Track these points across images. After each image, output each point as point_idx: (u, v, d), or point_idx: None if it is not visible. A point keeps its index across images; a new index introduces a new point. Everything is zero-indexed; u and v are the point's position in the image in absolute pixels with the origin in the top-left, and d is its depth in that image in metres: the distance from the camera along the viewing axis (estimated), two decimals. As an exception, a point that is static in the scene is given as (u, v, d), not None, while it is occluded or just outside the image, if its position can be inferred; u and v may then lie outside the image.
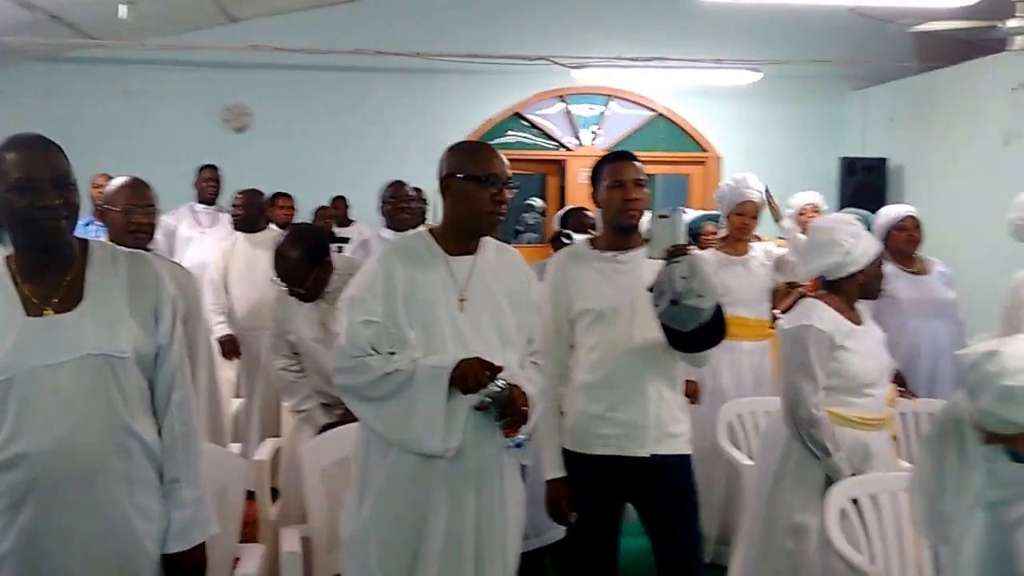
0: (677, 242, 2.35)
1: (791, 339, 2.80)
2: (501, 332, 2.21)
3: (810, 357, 2.72)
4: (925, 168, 7.34)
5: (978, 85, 6.59)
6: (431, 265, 2.20)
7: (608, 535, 2.59)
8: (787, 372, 2.80)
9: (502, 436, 2.12)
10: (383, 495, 2.15)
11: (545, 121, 8.32)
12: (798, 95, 8.23)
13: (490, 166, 2.18)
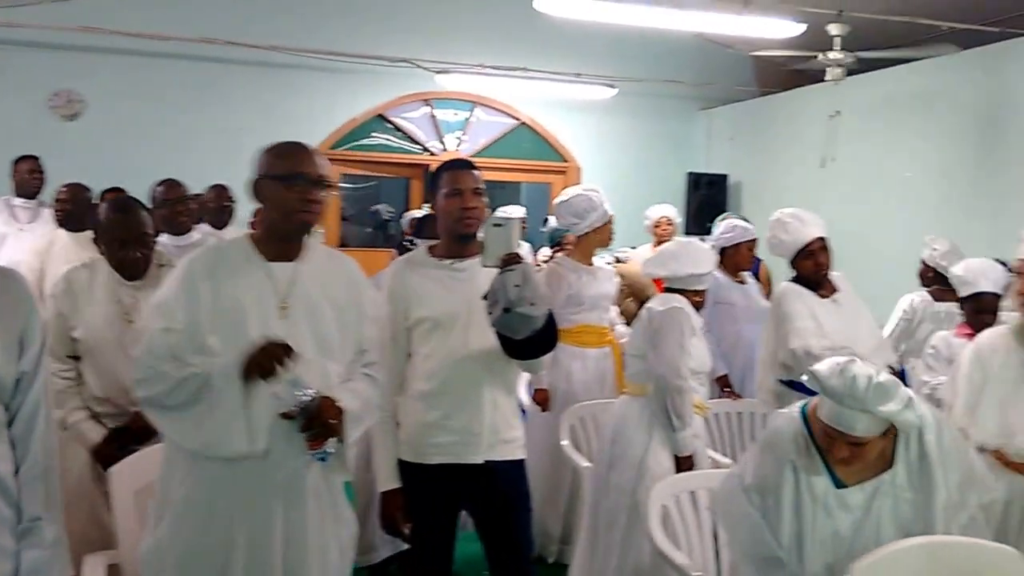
0: (511, 251, 2.33)
1: (666, 317, 3.01)
2: (321, 342, 2.11)
3: (684, 333, 2.98)
4: (759, 184, 7.70)
5: (803, 111, 6.97)
6: (245, 271, 2.08)
7: (444, 542, 2.54)
8: (662, 345, 2.98)
9: (307, 447, 2.02)
10: (181, 512, 2.03)
11: (410, 124, 8.22)
12: (651, 112, 8.47)
13: (297, 165, 2.06)
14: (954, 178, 5.72)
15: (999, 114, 5.42)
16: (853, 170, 6.37)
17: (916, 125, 6.05)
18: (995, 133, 5.43)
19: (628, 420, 3.07)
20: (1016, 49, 5.35)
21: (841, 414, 1.95)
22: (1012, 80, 5.33)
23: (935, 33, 5.87)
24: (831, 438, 2.00)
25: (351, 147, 8.01)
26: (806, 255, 3.39)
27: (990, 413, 2.25)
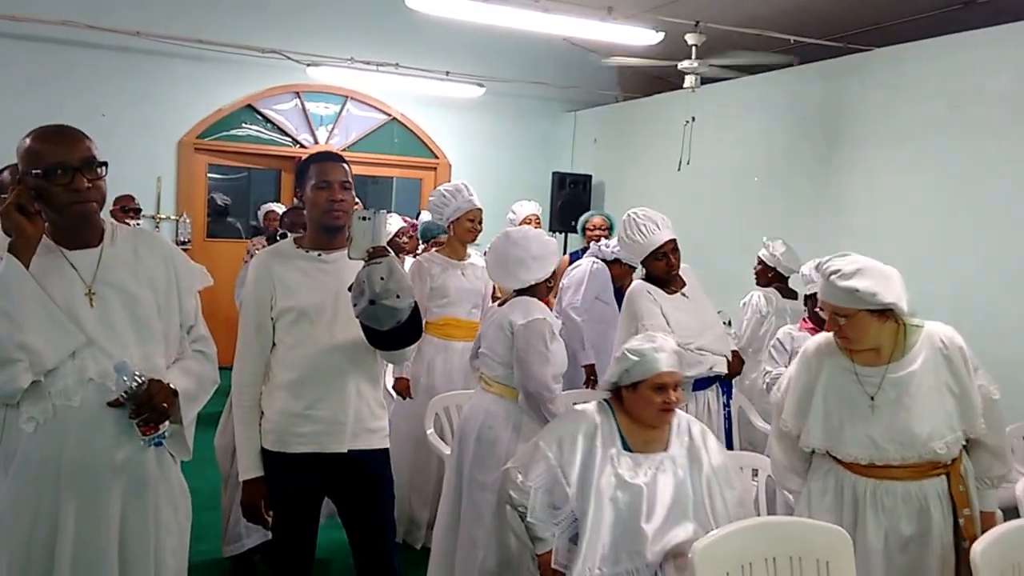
0: (377, 243, 2.31)
1: (530, 334, 3.00)
2: (140, 325, 2.02)
3: (547, 345, 3.00)
4: (621, 185, 7.93)
5: (662, 116, 7.22)
6: (47, 264, 1.96)
7: (307, 530, 2.50)
8: (530, 362, 2.98)
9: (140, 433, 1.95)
10: (8, 506, 1.93)
11: (280, 116, 8.01)
12: (519, 112, 8.57)
13: (53, 155, 1.91)
14: (797, 182, 6.05)
15: (838, 123, 5.76)
16: (707, 173, 6.65)
17: (763, 132, 6.36)
18: (834, 141, 5.78)
19: (496, 419, 3.06)
20: (854, 63, 5.70)
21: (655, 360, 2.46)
22: (850, 92, 5.68)
23: (783, 47, 6.19)
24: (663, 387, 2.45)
25: (220, 137, 7.74)
26: (659, 256, 3.48)
27: (816, 419, 2.39)
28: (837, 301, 2.34)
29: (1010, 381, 4.36)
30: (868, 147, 5.50)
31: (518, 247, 3.12)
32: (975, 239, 4.76)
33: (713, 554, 1.90)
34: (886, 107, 5.39)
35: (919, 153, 5.13)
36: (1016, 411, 4.29)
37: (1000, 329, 4.47)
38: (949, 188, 4.94)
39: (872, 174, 5.46)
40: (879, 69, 5.47)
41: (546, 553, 2.44)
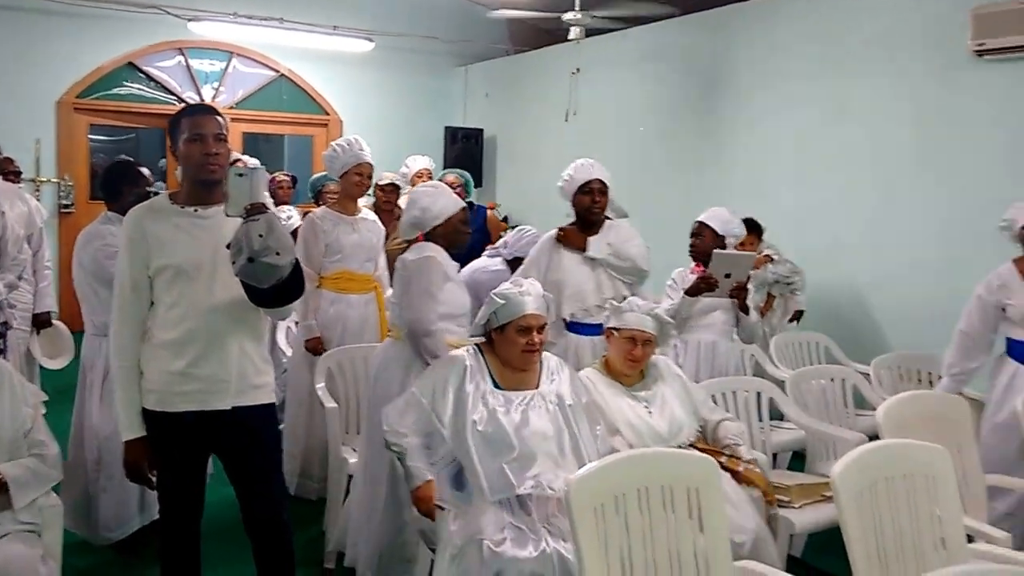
0: (255, 200, 2.21)
1: (415, 267, 2.97)
2: None
3: (433, 281, 2.96)
4: (512, 138, 7.88)
5: (549, 68, 7.18)
6: None
7: (193, 489, 2.42)
8: (411, 294, 2.96)
9: None
10: None
11: (163, 74, 7.60)
12: (410, 67, 8.37)
13: None
14: (682, 132, 6.13)
15: (720, 73, 5.83)
16: (593, 124, 6.66)
17: (646, 83, 6.40)
18: (717, 91, 5.85)
19: (389, 362, 3.06)
20: (732, 14, 5.75)
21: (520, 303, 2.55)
22: (730, 42, 5.74)
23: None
24: (527, 328, 2.54)
25: (101, 96, 7.29)
26: (585, 191, 3.49)
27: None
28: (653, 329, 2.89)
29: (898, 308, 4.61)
30: (750, 96, 5.60)
31: (413, 205, 3.11)
32: (858, 182, 4.91)
33: (587, 488, 1.91)
34: (766, 56, 5.48)
35: (799, 100, 5.24)
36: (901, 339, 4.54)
37: (899, 271, 4.65)
38: (829, 133, 5.07)
39: (754, 122, 5.57)
40: (757, 19, 5.55)
41: (421, 486, 2.46)
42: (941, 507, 2.28)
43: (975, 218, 3.90)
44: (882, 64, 4.70)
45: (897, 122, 4.63)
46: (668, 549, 2.02)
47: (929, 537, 2.25)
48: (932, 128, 4.47)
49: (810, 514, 2.90)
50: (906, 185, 4.58)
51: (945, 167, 4.39)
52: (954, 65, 4.30)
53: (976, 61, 4.19)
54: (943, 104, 4.42)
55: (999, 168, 4.12)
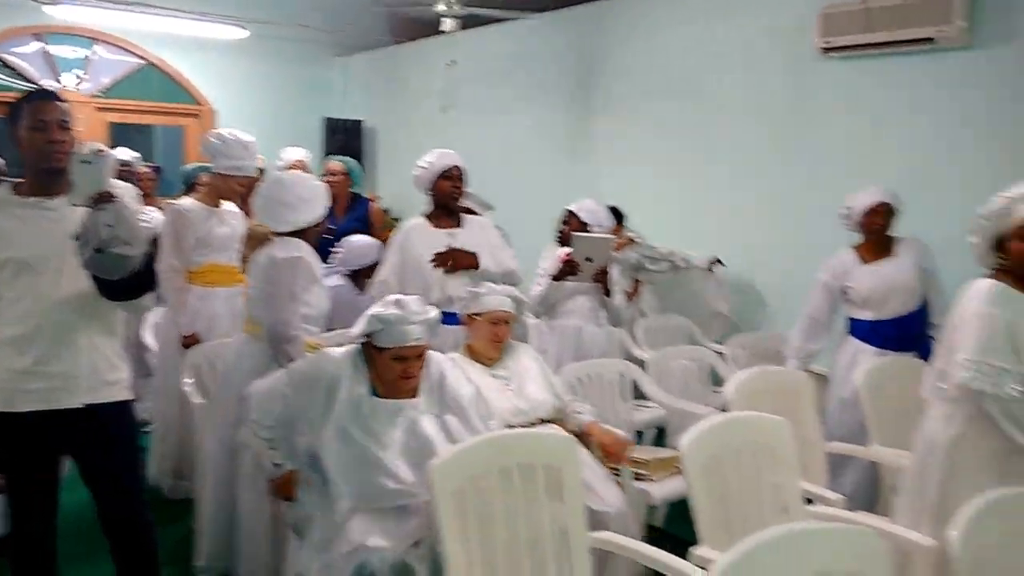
0: (101, 188, 2.13)
1: (283, 268, 2.90)
2: None
3: (299, 283, 2.89)
4: (392, 129, 7.83)
5: (427, 60, 7.16)
6: None
7: (45, 492, 2.32)
8: (277, 295, 2.88)
9: None
10: None
11: (20, 61, 7.16)
12: (287, 57, 8.18)
13: None
14: (555, 128, 6.23)
15: (590, 68, 5.95)
16: (472, 117, 6.69)
17: (521, 79, 6.47)
18: (587, 85, 5.97)
19: (243, 358, 2.98)
20: (602, 12, 5.87)
21: (401, 332, 2.35)
22: (600, 38, 5.86)
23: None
24: (404, 359, 2.37)
25: (-49, 84, 6.82)
26: (447, 177, 3.49)
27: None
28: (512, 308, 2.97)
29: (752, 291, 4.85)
30: (619, 90, 5.73)
31: (287, 190, 3.02)
32: (717, 173, 5.11)
33: (448, 471, 1.95)
34: (633, 51, 5.62)
35: (662, 94, 5.40)
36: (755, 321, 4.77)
37: (755, 255, 4.86)
38: (691, 126, 5.25)
39: (623, 115, 5.71)
40: (625, 15, 5.68)
41: (282, 475, 2.43)
42: (781, 474, 2.43)
43: (821, 206, 4.15)
44: (739, 60, 4.92)
45: (752, 115, 4.86)
46: (529, 527, 2.08)
47: (771, 502, 2.40)
48: (783, 121, 4.72)
49: (668, 486, 3.04)
50: (760, 175, 4.82)
51: (794, 158, 4.64)
52: (803, 61, 4.55)
53: (823, 58, 4.44)
54: (794, 98, 4.66)
55: (843, 159, 4.39)
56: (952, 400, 2.35)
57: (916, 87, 4.10)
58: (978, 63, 3.86)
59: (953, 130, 3.97)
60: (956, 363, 2.29)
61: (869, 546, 1.70)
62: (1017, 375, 2.20)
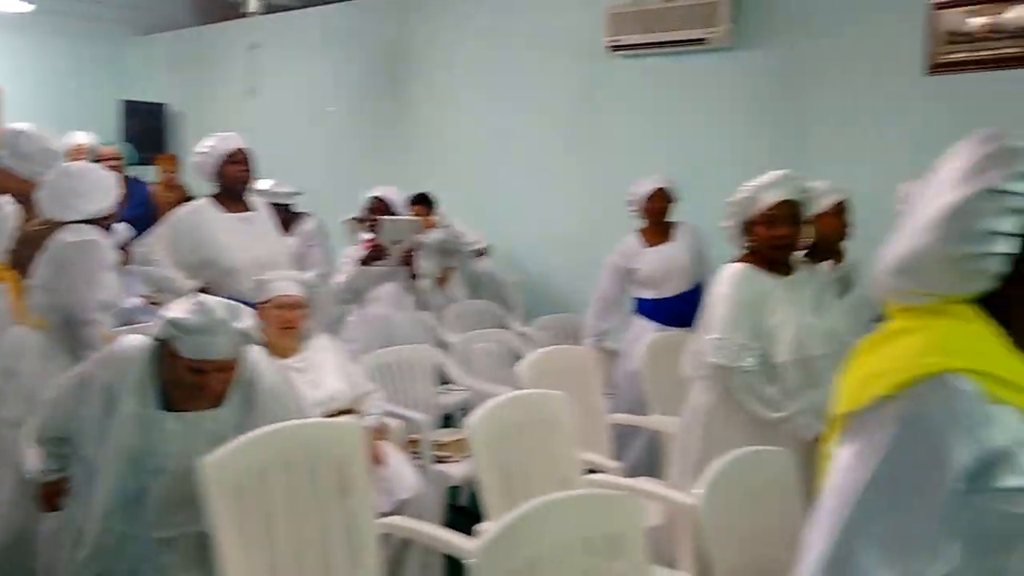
0: None
1: (78, 250, 2.82)
2: None
3: (95, 267, 2.83)
4: (196, 113, 7.47)
5: (230, 42, 6.91)
6: None
7: None
8: (71, 278, 2.80)
9: None
10: None
11: None
12: (78, 34, 7.60)
13: None
14: (370, 114, 6.17)
15: (402, 57, 5.94)
16: (278, 103, 6.51)
17: (331, 63, 6.36)
18: (401, 74, 5.96)
19: (24, 352, 2.81)
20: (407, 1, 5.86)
21: (203, 344, 1.96)
22: (410, 27, 5.85)
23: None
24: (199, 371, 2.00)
25: None
26: (234, 160, 3.40)
27: None
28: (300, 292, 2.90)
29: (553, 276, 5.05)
30: (431, 80, 5.77)
31: (78, 179, 2.91)
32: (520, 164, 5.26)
33: (224, 469, 1.88)
34: (443, 42, 5.67)
35: (470, 86, 5.50)
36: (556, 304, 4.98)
37: (555, 241, 5.06)
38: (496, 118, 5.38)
39: (435, 106, 5.75)
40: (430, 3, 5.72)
41: (49, 483, 2.25)
42: (562, 446, 2.60)
43: (614, 194, 4.41)
44: (536, 56, 5.10)
45: (549, 108, 5.06)
46: (315, 521, 2.06)
47: (554, 473, 2.56)
48: (577, 114, 4.95)
49: (467, 465, 3.15)
50: (557, 167, 5.04)
51: (588, 150, 4.89)
52: (595, 59, 4.79)
53: (611, 56, 4.70)
54: (586, 93, 4.90)
55: (629, 150, 4.67)
56: (707, 375, 2.60)
57: (690, 84, 4.43)
58: (743, 62, 4.22)
59: (723, 123, 4.32)
60: (706, 341, 2.53)
61: (630, 509, 1.87)
62: (755, 350, 2.46)
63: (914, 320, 1.08)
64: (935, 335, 1.04)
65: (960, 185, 1.06)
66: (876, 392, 1.02)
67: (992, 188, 1.03)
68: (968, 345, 1.02)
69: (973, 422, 0.97)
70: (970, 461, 0.96)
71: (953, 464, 0.96)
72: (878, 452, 0.99)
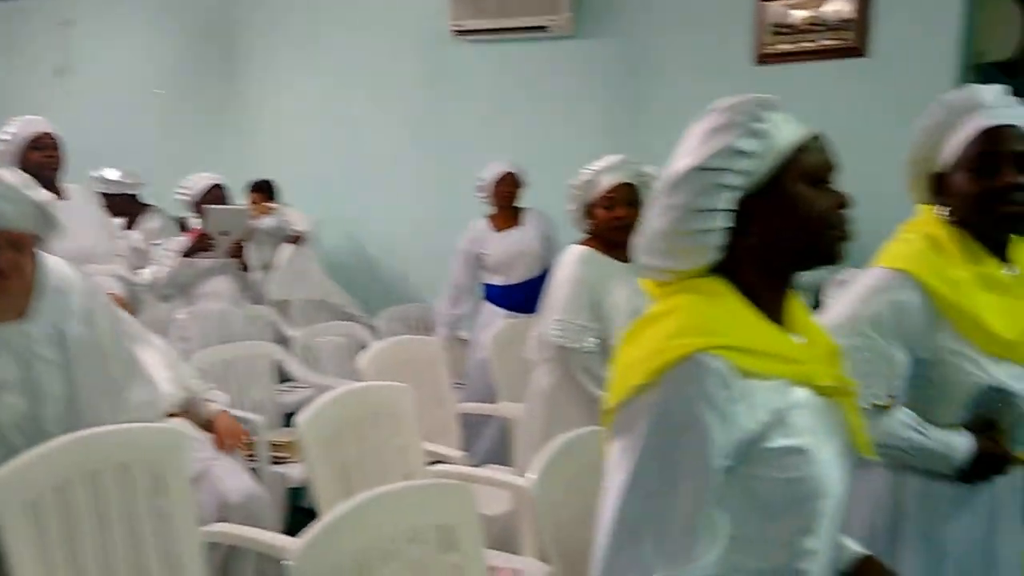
0: None
1: None
2: None
3: None
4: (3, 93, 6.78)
5: (33, 19, 6.36)
6: None
7: None
8: None
9: None
10: None
11: None
12: None
13: None
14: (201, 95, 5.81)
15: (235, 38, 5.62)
16: (97, 83, 6.02)
17: (157, 41, 5.93)
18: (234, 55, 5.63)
19: None
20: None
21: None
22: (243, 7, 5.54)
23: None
24: None
25: None
26: (34, 147, 3.12)
27: None
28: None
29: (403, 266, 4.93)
30: (267, 62, 5.49)
31: None
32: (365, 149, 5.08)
33: (13, 487, 1.67)
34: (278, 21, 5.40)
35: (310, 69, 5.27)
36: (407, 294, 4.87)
37: (404, 229, 4.92)
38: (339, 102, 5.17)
39: (272, 88, 5.48)
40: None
41: None
42: (405, 438, 2.51)
43: (462, 179, 4.36)
44: (380, 38, 4.96)
45: (394, 91, 4.93)
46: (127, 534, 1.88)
47: (396, 466, 2.47)
48: (424, 98, 4.85)
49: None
50: (404, 152, 4.92)
51: (435, 135, 4.80)
52: (439, 43, 4.71)
53: (457, 40, 4.63)
54: (431, 78, 4.81)
55: (477, 135, 4.62)
56: (549, 357, 2.59)
57: (535, 71, 4.43)
58: (585, 50, 4.27)
59: (567, 110, 4.35)
60: (548, 323, 2.52)
61: (462, 499, 1.80)
62: (595, 331, 2.47)
63: (669, 301, 1.09)
64: (686, 316, 1.05)
65: (683, 158, 1.08)
66: (634, 382, 1.01)
67: (702, 166, 1.05)
68: (718, 321, 1.03)
69: (727, 399, 0.97)
70: (729, 437, 0.97)
71: (713, 443, 0.97)
72: (640, 443, 0.99)
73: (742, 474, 0.99)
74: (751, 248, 1.05)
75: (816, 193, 1.05)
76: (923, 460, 1.51)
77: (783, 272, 1.08)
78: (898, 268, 1.50)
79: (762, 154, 1.04)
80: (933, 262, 1.49)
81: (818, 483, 1.02)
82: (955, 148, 1.50)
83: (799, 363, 1.05)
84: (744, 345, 1.00)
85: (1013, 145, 1.45)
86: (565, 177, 2.77)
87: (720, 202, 1.04)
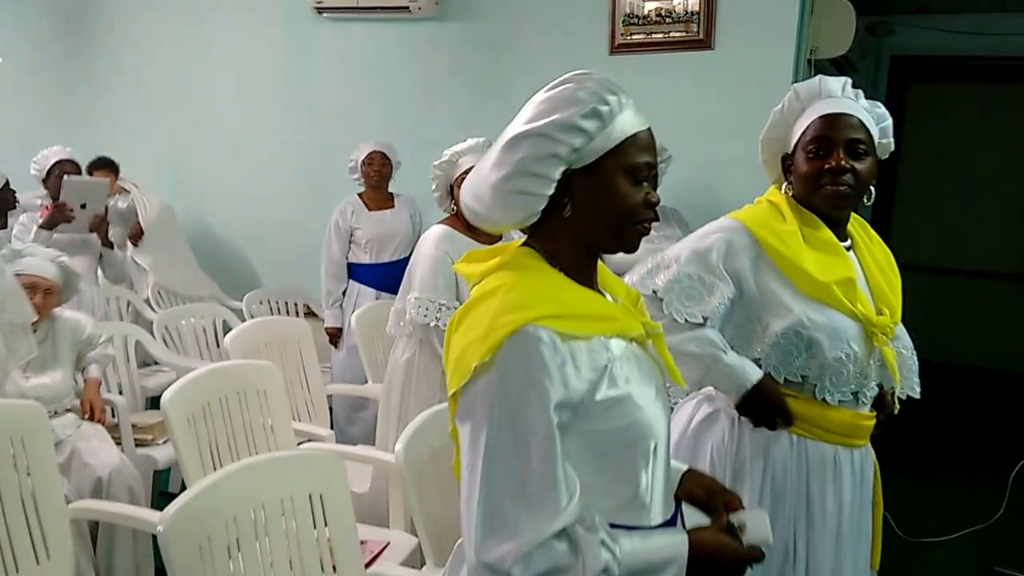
0: None
1: None
2: None
3: None
4: None
5: None
6: None
7: None
8: None
9: None
10: None
11: None
12: None
13: None
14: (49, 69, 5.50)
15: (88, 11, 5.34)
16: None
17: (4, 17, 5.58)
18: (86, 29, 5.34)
19: None
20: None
21: None
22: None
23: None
24: None
25: None
26: None
27: None
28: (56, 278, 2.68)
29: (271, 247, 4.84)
30: (123, 36, 5.24)
31: None
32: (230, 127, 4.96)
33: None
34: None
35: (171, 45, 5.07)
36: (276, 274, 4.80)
37: (270, 209, 4.85)
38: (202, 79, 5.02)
39: (129, 63, 5.24)
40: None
41: None
42: (274, 417, 2.55)
43: (330, 159, 4.34)
44: (240, 13, 4.85)
45: (260, 72, 4.84)
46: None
47: (265, 446, 2.51)
48: (285, 76, 4.78)
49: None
50: (271, 132, 4.84)
51: (303, 114, 4.74)
52: (301, 20, 4.65)
53: (317, 18, 4.59)
54: (295, 56, 4.75)
55: (346, 115, 4.60)
56: (408, 334, 2.68)
57: (400, 51, 4.45)
58: (448, 32, 4.33)
59: (432, 91, 4.40)
60: (408, 300, 2.61)
61: (330, 469, 1.88)
62: (453, 309, 2.57)
63: (489, 282, 1.16)
64: (507, 293, 1.11)
65: (528, 121, 1.14)
66: (470, 363, 1.07)
67: (542, 133, 1.11)
68: (537, 293, 1.11)
69: (559, 364, 1.06)
70: (565, 397, 1.06)
71: (550, 406, 1.05)
72: (487, 418, 1.05)
73: (580, 430, 1.08)
74: (566, 219, 1.14)
75: (630, 187, 1.14)
76: (717, 376, 1.68)
77: (591, 246, 1.18)
78: (735, 218, 1.74)
79: (597, 136, 1.11)
80: (767, 220, 1.71)
81: (644, 426, 1.13)
82: (798, 132, 1.70)
83: (613, 319, 1.15)
84: (564, 312, 1.09)
85: (847, 132, 1.65)
86: (431, 158, 2.85)
87: (550, 170, 1.11)
